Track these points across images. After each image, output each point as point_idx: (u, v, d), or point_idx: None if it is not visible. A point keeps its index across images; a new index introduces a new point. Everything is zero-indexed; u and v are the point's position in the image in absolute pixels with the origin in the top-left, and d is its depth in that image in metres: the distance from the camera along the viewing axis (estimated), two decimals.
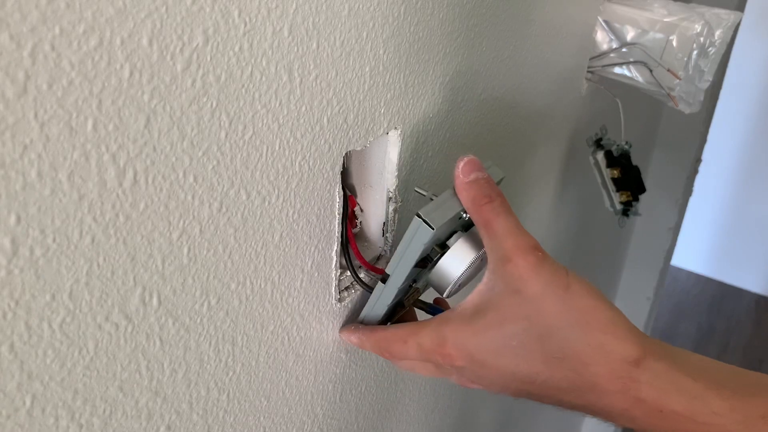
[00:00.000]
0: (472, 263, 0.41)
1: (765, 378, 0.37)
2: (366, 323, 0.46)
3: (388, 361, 0.56)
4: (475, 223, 0.40)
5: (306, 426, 0.48)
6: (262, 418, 0.43)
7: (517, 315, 0.38)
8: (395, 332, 0.42)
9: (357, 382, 0.52)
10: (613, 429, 1.72)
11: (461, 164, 0.40)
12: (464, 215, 0.41)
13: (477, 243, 0.41)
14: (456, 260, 0.41)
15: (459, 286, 0.42)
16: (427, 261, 0.42)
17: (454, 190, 0.41)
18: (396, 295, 0.43)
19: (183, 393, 0.36)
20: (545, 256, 0.38)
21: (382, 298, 0.43)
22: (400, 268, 0.41)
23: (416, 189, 0.44)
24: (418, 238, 0.39)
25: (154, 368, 0.33)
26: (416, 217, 0.39)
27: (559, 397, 0.38)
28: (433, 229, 0.38)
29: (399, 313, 0.46)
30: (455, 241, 0.41)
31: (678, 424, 0.36)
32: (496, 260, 0.39)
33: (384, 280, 0.42)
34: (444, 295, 0.42)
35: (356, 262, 0.46)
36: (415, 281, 0.45)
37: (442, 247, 0.41)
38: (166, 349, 0.33)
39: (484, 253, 0.40)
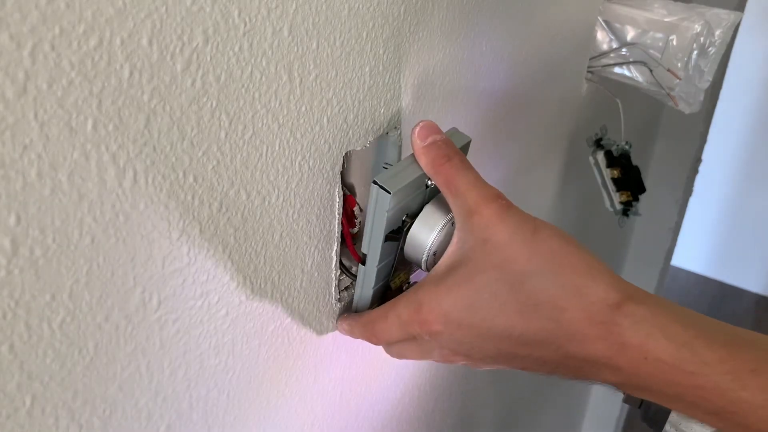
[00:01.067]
0: (443, 228, 0.40)
1: (756, 334, 0.35)
2: (358, 312, 0.46)
3: (387, 360, 0.56)
4: (437, 185, 0.39)
5: (306, 426, 0.48)
6: (262, 418, 0.43)
7: (487, 265, 0.37)
8: (377, 311, 0.42)
9: (357, 382, 0.52)
10: (613, 429, 1.72)
11: (417, 129, 0.39)
12: (430, 183, 0.41)
13: (446, 207, 0.41)
14: (426, 227, 0.41)
15: (434, 255, 0.41)
16: (400, 233, 0.41)
17: (413, 156, 0.40)
18: (378, 276, 0.43)
19: (183, 393, 0.36)
20: (510, 204, 0.38)
21: (366, 280, 0.43)
22: (372, 244, 0.41)
23: (384, 164, 0.44)
24: (379, 206, 0.39)
25: (154, 368, 0.33)
26: (372, 184, 0.38)
27: (539, 354, 0.36)
28: (390, 193, 0.38)
29: (389, 298, 0.46)
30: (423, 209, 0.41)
31: (663, 374, 0.34)
32: (462, 216, 0.38)
33: (364, 262, 0.42)
34: (423, 268, 0.42)
35: (352, 260, 0.46)
36: (397, 261, 0.44)
37: (413, 218, 0.41)
38: (166, 349, 0.33)
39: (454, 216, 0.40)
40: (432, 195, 0.42)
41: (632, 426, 1.82)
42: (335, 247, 0.44)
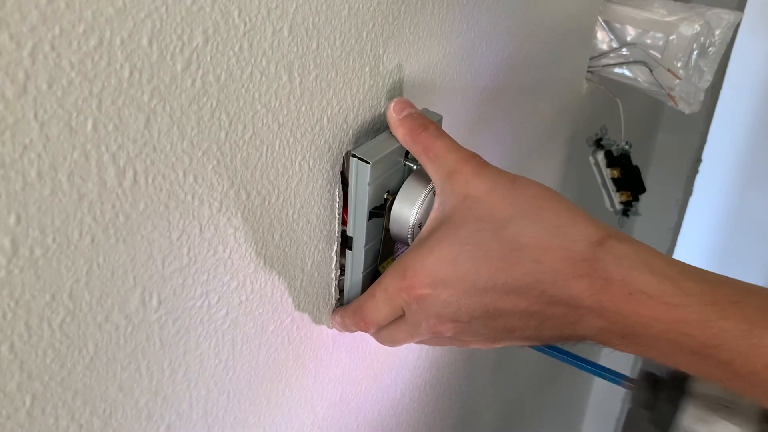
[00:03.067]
0: (425, 199, 0.41)
1: (735, 279, 0.35)
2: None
3: (387, 360, 0.56)
4: (415, 155, 0.40)
5: (306, 426, 0.48)
6: (262, 418, 0.43)
7: (468, 218, 0.37)
8: (364, 294, 0.42)
9: (357, 382, 0.52)
10: (613, 429, 1.72)
11: (392, 105, 0.40)
12: (408, 162, 0.42)
13: (425, 180, 0.41)
14: (408, 201, 0.41)
15: (420, 227, 0.41)
16: (383, 210, 0.42)
17: (389, 132, 0.41)
18: (366, 260, 0.43)
19: (183, 393, 0.36)
20: (487, 162, 0.38)
21: (355, 265, 0.43)
22: (357, 223, 0.41)
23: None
24: (360, 179, 0.39)
25: (154, 368, 0.33)
26: (351, 157, 0.39)
27: (524, 305, 0.36)
28: (369, 163, 0.39)
29: None
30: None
31: (646, 309, 0.34)
32: (441, 178, 0.38)
33: (351, 247, 0.42)
34: (410, 243, 0.42)
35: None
36: (383, 245, 0.44)
37: (394, 194, 0.42)
38: (166, 349, 0.33)
39: (434, 188, 0.41)
40: (410, 172, 0.42)
41: (632, 426, 1.82)
42: (335, 247, 0.44)
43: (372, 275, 0.44)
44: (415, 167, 0.42)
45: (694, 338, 0.33)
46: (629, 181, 0.85)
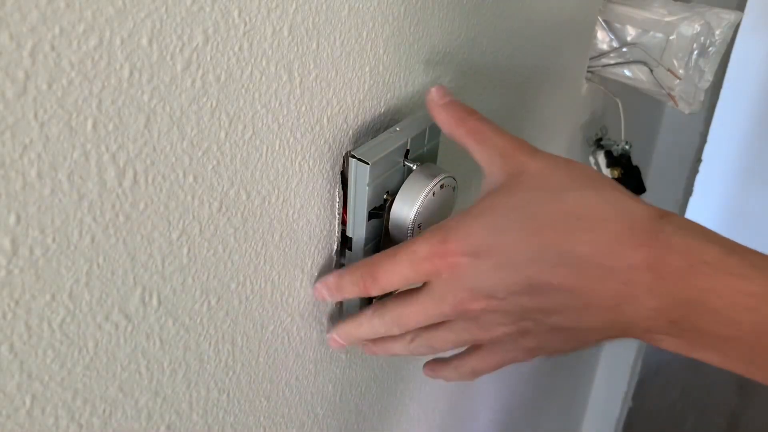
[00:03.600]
0: (424, 200, 0.40)
1: None
2: (348, 311, 0.45)
3: (387, 360, 0.56)
4: (457, 138, 0.39)
5: (306, 426, 0.48)
6: (262, 418, 0.43)
7: (522, 188, 0.36)
8: (382, 252, 0.38)
9: (357, 382, 0.52)
10: (613, 429, 1.72)
11: (434, 90, 0.40)
12: (407, 163, 0.42)
13: (425, 178, 0.41)
14: (407, 201, 0.41)
15: (419, 228, 0.41)
16: (383, 210, 0.42)
17: (389, 132, 0.41)
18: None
19: (183, 393, 0.36)
20: (538, 148, 0.38)
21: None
22: (357, 223, 0.41)
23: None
24: (359, 179, 0.40)
25: (154, 368, 0.33)
26: (351, 158, 0.39)
27: (573, 281, 0.33)
28: (368, 164, 0.39)
29: None
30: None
31: (707, 280, 0.32)
32: (491, 160, 0.38)
33: (350, 247, 0.42)
34: None
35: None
36: (384, 246, 0.44)
37: (394, 195, 0.41)
38: (166, 349, 0.33)
39: (438, 185, 0.40)
40: (410, 172, 0.42)
41: (632, 426, 1.82)
42: (335, 247, 0.44)
43: None
44: (414, 167, 0.42)
45: (758, 313, 0.31)
46: (629, 181, 0.85)
